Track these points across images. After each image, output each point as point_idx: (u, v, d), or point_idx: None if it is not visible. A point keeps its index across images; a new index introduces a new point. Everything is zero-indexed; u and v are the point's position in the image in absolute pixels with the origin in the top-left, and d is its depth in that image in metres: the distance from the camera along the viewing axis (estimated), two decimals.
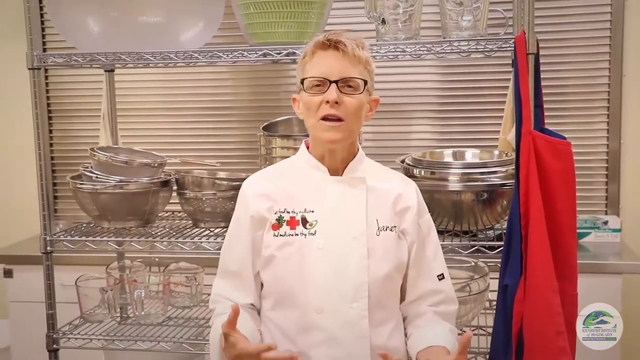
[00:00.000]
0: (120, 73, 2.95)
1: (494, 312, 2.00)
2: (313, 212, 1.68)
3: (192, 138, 3.46)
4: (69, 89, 3.56)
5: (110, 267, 2.58)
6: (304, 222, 1.68)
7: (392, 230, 1.70)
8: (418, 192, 1.78)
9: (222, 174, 2.54)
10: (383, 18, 2.09)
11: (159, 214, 2.53)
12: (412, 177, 2.16)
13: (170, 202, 2.48)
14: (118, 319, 2.53)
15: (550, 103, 3.03)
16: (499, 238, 2.16)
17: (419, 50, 2.09)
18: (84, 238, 2.34)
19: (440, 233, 2.19)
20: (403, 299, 1.76)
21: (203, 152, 3.38)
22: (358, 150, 1.75)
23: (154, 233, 2.39)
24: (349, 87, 1.64)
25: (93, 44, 2.33)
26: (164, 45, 2.25)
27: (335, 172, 1.72)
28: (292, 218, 1.68)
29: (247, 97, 3.44)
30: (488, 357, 2.03)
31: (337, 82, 1.63)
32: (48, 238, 2.32)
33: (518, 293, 1.90)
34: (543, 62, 2.04)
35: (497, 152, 2.44)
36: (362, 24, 2.30)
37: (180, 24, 2.36)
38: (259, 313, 1.74)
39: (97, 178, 2.32)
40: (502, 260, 1.97)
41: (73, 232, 2.40)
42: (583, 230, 3.02)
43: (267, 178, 1.79)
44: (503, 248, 1.98)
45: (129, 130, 3.33)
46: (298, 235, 1.67)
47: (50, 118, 3.60)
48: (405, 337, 1.74)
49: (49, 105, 3.58)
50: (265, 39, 2.21)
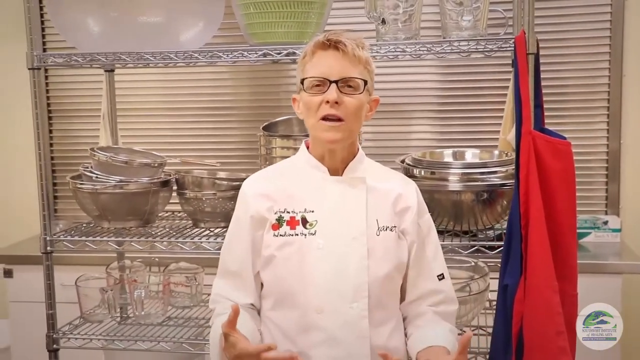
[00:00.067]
0: (120, 73, 2.95)
1: (494, 312, 2.00)
2: (313, 212, 1.68)
3: (192, 138, 3.46)
4: (69, 89, 3.56)
5: (110, 267, 2.58)
6: (304, 222, 1.68)
7: (392, 230, 1.70)
8: (418, 192, 1.79)
9: (222, 174, 2.54)
10: (383, 18, 2.09)
11: (159, 214, 2.53)
12: (412, 177, 2.16)
13: (170, 202, 2.48)
14: (118, 319, 2.53)
15: (551, 103, 3.03)
16: (499, 238, 2.16)
17: (419, 50, 2.09)
18: (84, 238, 2.34)
19: (441, 233, 2.19)
20: (403, 299, 1.76)
21: (203, 152, 3.38)
22: (358, 150, 1.75)
23: (154, 233, 2.39)
24: (349, 87, 1.64)
25: (93, 44, 2.32)
26: (164, 45, 2.25)
27: (335, 172, 1.72)
28: (292, 218, 1.68)
29: (247, 97, 3.44)
30: (488, 357, 2.03)
31: (337, 82, 1.63)
32: (48, 238, 2.32)
33: (518, 293, 1.89)
34: (543, 62, 2.05)
35: (497, 152, 2.44)
36: (362, 24, 2.30)
37: (181, 24, 2.35)
38: (259, 313, 1.74)
39: (97, 178, 2.32)
40: (502, 260, 1.97)
41: (73, 232, 2.40)
42: (583, 230, 3.02)
43: (267, 178, 1.79)
44: (503, 248, 1.98)
45: (129, 130, 3.33)
46: (298, 235, 1.67)
47: (51, 118, 3.60)
48: (405, 337, 1.74)
49: (49, 105, 3.59)
50: (265, 39, 2.21)
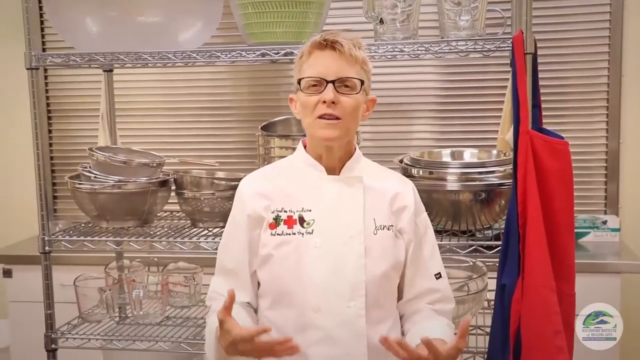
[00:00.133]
0: (119, 73, 2.95)
1: (492, 311, 2.00)
2: (310, 211, 1.68)
3: (191, 138, 3.46)
4: (69, 89, 3.56)
5: (109, 267, 2.58)
6: (301, 221, 1.68)
7: (389, 229, 1.70)
8: (415, 191, 1.79)
9: (220, 174, 2.54)
10: (381, 18, 2.10)
11: (158, 214, 2.53)
12: (410, 176, 2.15)
13: (169, 202, 2.48)
14: (117, 319, 2.53)
15: (550, 103, 3.03)
16: (497, 238, 2.16)
17: (417, 50, 2.09)
18: (82, 238, 2.34)
19: (439, 233, 2.19)
20: (400, 298, 1.76)
21: (202, 152, 3.38)
22: (355, 150, 1.75)
23: (153, 233, 2.39)
24: (346, 86, 1.65)
25: (92, 44, 2.32)
26: (163, 45, 2.24)
27: (333, 171, 1.72)
28: (289, 217, 1.68)
29: (246, 97, 3.44)
30: (486, 356, 2.03)
31: (333, 82, 1.63)
32: (46, 238, 2.32)
33: (516, 292, 1.89)
34: (543, 62, 2.05)
35: (495, 151, 2.44)
36: (360, 24, 2.31)
37: (179, 24, 2.35)
38: (256, 312, 1.74)
39: (95, 178, 2.32)
40: (499, 260, 1.97)
41: (71, 232, 2.40)
42: (582, 230, 3.02)
43: (264, 177, 1.79)
44: (501, 248, 1.98)
45: (128, 130, 3.33)
46: (295, 234, 1.67)
47: (50, 118, 3.60)
48: (403, 335, 1.73)
49: (49, 105, 3.59)
50: (264, 39, 2.21)
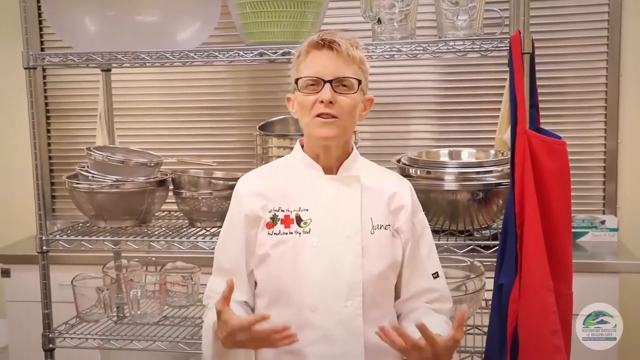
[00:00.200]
0: (117, 73, 2.95)
1: (490, 311, 2.00)
2: (307, 210, 1.68)
3: (189, 137, 3.45)
4: (67, 89, 3.56)
5: (107, 266, 2.58)
6: (298, 220, 1.68)
7: (386, 229, 1.70)
8: (412, 191, 1.79)
9: (218, 174, 2.54)
10: (379, 17, 2.10)
11: (155, 214, 2.53)
12: (408, 176, 2.15)
13: (167, 201, 2.48)
14: (114, 319, 2.53)
15: (548, 103, 3.03)
16: (495, 237, 2.16)
17: (415, 50, 2.09)
18: (80, 237, 2.34)
19: (436, 232, 2.19)
20: (397, 297, 1.76)
21: (200, 151, 3.38)
22: (352, 149, 1.76)
23: (150, 232, 2.39)
24: (344, 86, 1.65)
25: (90, 44, 2.32)
26: (161, 45, 2.24)
27: (330, 170, 1.72)
28: (286, 216, 1.68)
29: (244, 96, 3.44)
30: (483, 356, 2.03)
31: (331, 81, 1.63)
32: (44, 237, 2.32)
33: (513, 292, 1.89)
34: (541, 62, 2.05)
35: (492, 151, 2.44)
36: (358, 24, 2.30)
37: (178, 24, 2.35)
38: (253, 311, 1.74)
39: (93, 177, 2.32)
40: (497, 260, 1.97)
41: (69, 231, 2.40)
42: (580, 230, 3.02)
43: (261, 176, 1.79)
44: (498, 247, 1.98)
45: (126, 130, 3.33)
46: (292, 234, 1.67)
47: (49, 118, 3.60)
48: None
49: (47, 105, 3.59)
50: (262, 39, 2.21)
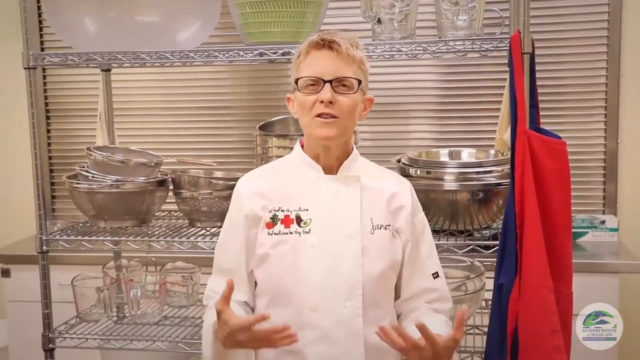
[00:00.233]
0: (117, 73, 2.95)
1: (490, 311, 2.00)
2: (307, 210, 1.68)
3: (189, 137, 3.45)
4: (67, 89, 3.56)
5: (107, 266, 2.58)
6: (298, 220, 1.68)
7: (386, 229, 1.70)
8: (412, 191, 1.79)
9: (218, 174, 2.53)
10: (379, 17, 2.09)
11: (155, 214, 2.53)
12: (408, 176, 2.15)
13: (167, 201, 2.48)
14: (114, 319, 2.53)
15: (548, 103, 3.03)
16: (495, 237, 2.16)
17: (415, 50, 2.08)
18: (80, 237, 2.33)
19: (436, 232, 2.19)
20: (397, 297, 1.76)
21: (200, 151, 3.37)
22: (352, 149, 1.76)
23: (150, 232, 2.39)
24: (344, 86, 1.65)
25: (90, 44, 2.32)
26: (161, 45, 2.24)
27: (330, 170, 1.72)
28: (286, 216, 1.68)
29: (244, 96, 3.44)
30: (483, 356, 2.03)
31: (331, 81, 1.63)
32: (44, 237, 2.32)
33: (513, 292, 1.89)
34: (541, 62, 2.05)
35: (492, 151, 2.44)
36: (358, 24, 2.30)
37: (178, 24, 2.35)
38: (253, 311, 1.74)
39: (93, 177, 2.32)
40: (497, 260, 1.97)
41: (69, 231, 2.40)
42: (580, 230, 3.02)
43: (261, 176, 1.79)
44: (498, 247, 1.97)
45: (126, 130, 3.33)
46: (292, 234, 1.67)
47: (49, 118, 3.60)
48: None
49: (47, 105, 3.59)
50: (261, 39, 2.21)
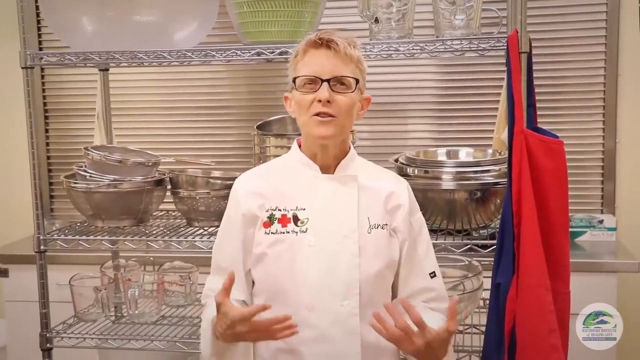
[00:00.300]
0: (115, 72, 2.95)
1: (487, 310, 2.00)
2: (304, 209, 1.68)
3: (187, 137, 3.45)
4: (66, 89, 3.55)
5: (105, 266, 2.58)
6: (295, 219, 1.68)
7: (383, 228, 1.70)
8: (410, 190, 1.79)
9: (216, 173, 2.53)
10: (376, 17, 2.09)
11: (153, 213, 2.53)
12: (405, 176, 2.16)
13: (165, 201, 2.48)
14: (112, 318, 2.53)
15: (546, 102, 3.03)
16: (492, 237, 2.16)
17: (412, 49, 2.09)
18: (78, 237, 2.33)
19: (434, 232, 2.19)
20: (395, 297, 1.75)
21: (199, 151, 3.37)
22: (350, 149, 1.76)
23: (148, 232, 2.39)
24: (341, 85, 1.65)
25: (88, 44, 2.32)
26: (159, 45, 2.24)
27: (327, 170, 1.72)
28: (283, 216, 1.68)
29: (242, 96, 3.44)
30: (481, 355, 2.03)
31: (328, 80, 1.63)
32: (41, 237, 2.31)
33: (510, 291, 1.89)
34: (539, 61, 2.05)
35: (490, 151, 2.44)
36: (355, 23, 2.30)
37: (175, 24, 2.35)
38: None
39: (91, 177, 2.32)
40: (494, 259, 1.97)
41: (67, 231, 2.40)
42: (579, 229, 3.02)
43: (259, 176, 1.79)
44: (496, 246, 1.98)
45: (124, 130, 3.33)
46: (289, 233, 1.67)
47: (47, 117, 3.59)
48: None
49: (46, 105, 3.58)
50: (259, 38, 2.21)
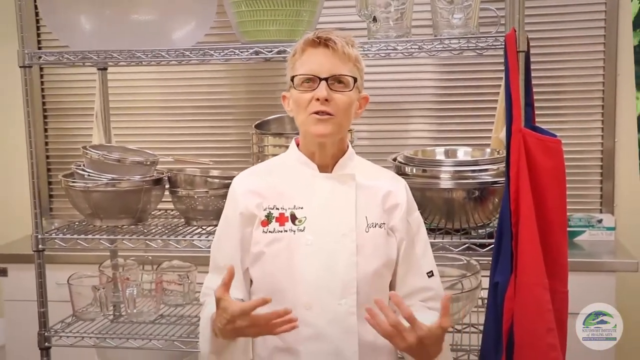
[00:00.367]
0: (114, 72, 2.95)
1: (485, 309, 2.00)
2: (302, 208, 1.68)
3: (185, 136, 3.45)
4: (65, 88, 3.55)
5: (103, 265, 2.58)
6: (293, 218, 1.68)
7: (381, 227, 1.70)
8: (407, 189, 1.79)
9: (214, 172, 2.53)
10: (374, 16, 2.09)
11: (152, 212, 2.53)
12: (403, 175, 2.16)
13: (163, 200, 2.48)
14: (110, 317, 2.53)
15: (545, 102, 3.03)
16: (491, 236, 2.16)
17: (410, 48, 2.08)
18: (76, 236, 2.33)
19: (432, 231, 2.19)
20: None
21: (197, 150, 3.38)
22: (348, 148, 1.75)
23: (147, 231, 2.39)
24: (339, 83, 1.65)
25: (86, 43, 2.32)
26: (157, 44, 2.24)
27: (325, 169, 1.72)
28: (281, 214, 1.68)
29: (240, 95, 3.43)
30: (479, 354, 2.03)
31: (327, 79, 1.63)
32: (40, 236, 2.31)
33: (508, 291, 1.89)
34: (538, 60, 2.05)
35: (488, 150, 2.44)
36: (353, 22, 2.30)
37: (174, 23, 2.35)
38: None
39: (89, 176, 2.32)
40: (492, 258, 1.97)
41: (65, 230, 2.40)
42: (577, 229, 3.02)
43: (256, 175, 1.79)
44: (494, 246, 1.98)
45: (123, 129, 3.33)
46: (287, 232, 1.67)
47: (46, 117, 3.59)
48: None
49: (45, 104, 3.59)
50: (257, 37, 2.21)
